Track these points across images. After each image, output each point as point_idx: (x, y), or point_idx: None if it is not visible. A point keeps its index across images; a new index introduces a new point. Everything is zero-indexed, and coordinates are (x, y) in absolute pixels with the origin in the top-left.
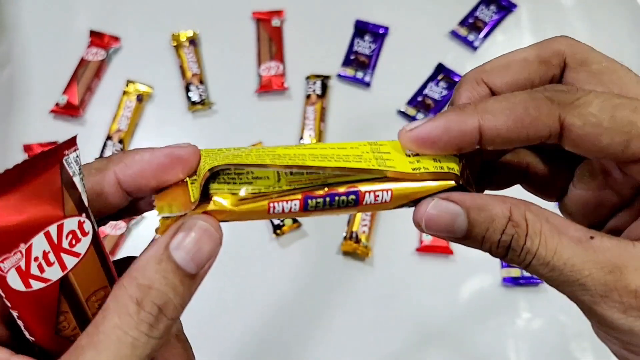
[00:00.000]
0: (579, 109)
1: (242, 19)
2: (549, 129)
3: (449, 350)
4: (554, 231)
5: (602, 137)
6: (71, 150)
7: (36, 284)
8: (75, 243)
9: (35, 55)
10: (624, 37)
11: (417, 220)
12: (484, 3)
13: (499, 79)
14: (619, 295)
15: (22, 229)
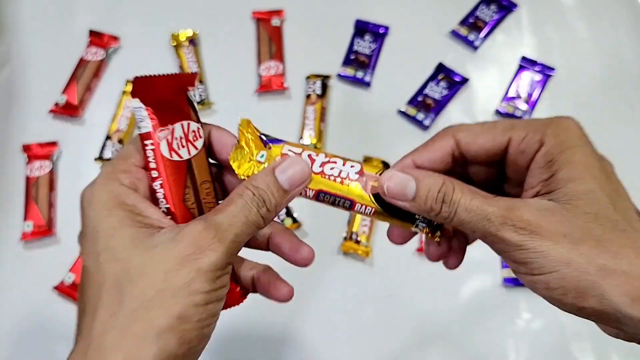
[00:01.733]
0: (463, 128)
1: (242, 18)
2: (450, 145)
3: (449, 350)
4: (471, 190)
5: (478, 138)
6: (192, 88)
7: (175, 156)
8: (195, 140)
9: (34, 54)
10: (623, 36)
11: (380, 185)
12: (484, 3)
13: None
14: (511, 220)
15: (172, 113)
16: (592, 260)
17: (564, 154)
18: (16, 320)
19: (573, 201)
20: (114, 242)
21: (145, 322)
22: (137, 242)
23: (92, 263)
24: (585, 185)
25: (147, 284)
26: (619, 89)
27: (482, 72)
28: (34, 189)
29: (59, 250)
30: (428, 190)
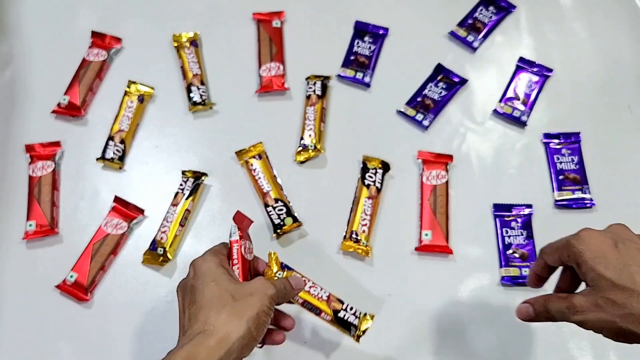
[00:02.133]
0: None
1: (243, 20)
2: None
3: (447, 349)
4: (560, 297)
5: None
6: (250, 225)
7: (247, 256)
8: (251, 252)
9: (37, 55)
10: (621, 37)
11: (516, 311)
12: (483, 4)
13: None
14: (573, 303)
15: (245, 235)
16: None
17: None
18: (18, 319)
19: (592, 283)
20: (221, 280)
21: (241, 312)
22: (232, 281)
23: (205, 285)
24: (591, 273)
25: (240, 296)
26: (617, 89)
27: (480, 72)
28: (36, 188)
29: (62, 249)
30: (543, 308)
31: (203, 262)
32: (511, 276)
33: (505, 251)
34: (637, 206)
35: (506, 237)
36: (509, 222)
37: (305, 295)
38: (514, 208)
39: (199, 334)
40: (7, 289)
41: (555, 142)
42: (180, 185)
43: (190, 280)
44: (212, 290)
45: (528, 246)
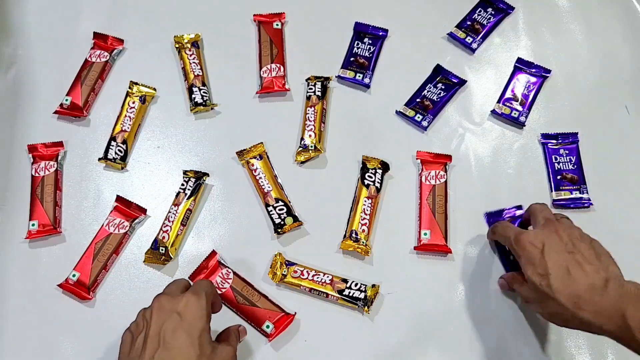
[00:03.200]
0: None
1: (244, 21)
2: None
3: (447, 348)
4: (518, 278)
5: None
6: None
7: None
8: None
9: (39, 56)
10: (619, 39)
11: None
12: (481, 6)
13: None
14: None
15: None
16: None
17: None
18: (21, 317)
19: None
20: (204, 339)
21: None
22: (210, 342)
23: (186, 338)
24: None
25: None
26: (614, 90)
27: (479, 74)
28: (39, 188)
29: (64, 249)
30: (513, 285)
31: (197, 305)
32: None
33: (502, 254)
34: (634, 206)
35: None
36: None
37: (310, 283)
38: (505, 212)
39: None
40: (10, 288)
41: (553, 142)
42: (182, 185)
43: (170, 319)
44: (189, 350)
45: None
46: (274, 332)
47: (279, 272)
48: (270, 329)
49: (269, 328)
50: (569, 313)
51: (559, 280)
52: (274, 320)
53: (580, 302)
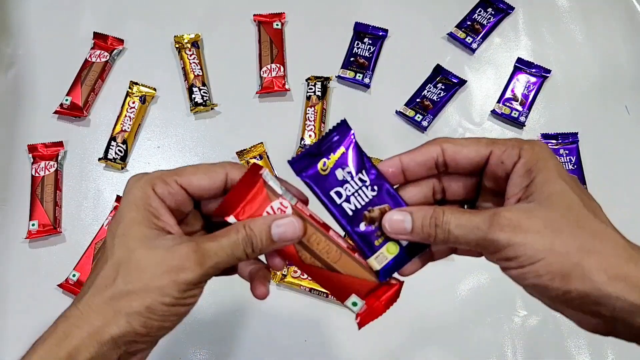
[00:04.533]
0: (450, 141)
1: (244, 21)
2: (435, 153)
3: (447, 348)
4: (459, 210)
5: (463, 149)
6: (262, 170)
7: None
8: (283, 211)
9: (39, 57)
10: (618, 39)
11: (384, 223)
12: (481, 6)
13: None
14: (497, 222)
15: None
16: (571, 244)
17: (540, 163)
18: (21, 317)
19: (550, 198)
20: (130, 232)
21: (124, 302)
22: (146, 239)
23: (109, 241)
24: (560, 185)
25: (137, 276)
26: (614, 90)
27: (479, 74)
28: (39, 188)
29: (65, 248)
30: (422, 220)
31: (130, 189)
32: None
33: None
34: (634, 206)
35: None
36: None
37: (310, 283)
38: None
39: (66, 318)
40: (10, 288)
41: (553, 142)
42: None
43: (116, 214)
44: (110, 248)
45: None
46: (363, 310)
47: (279, 272)
48: (359, 306)
49: (356, 306)
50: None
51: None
52: (364, 294)
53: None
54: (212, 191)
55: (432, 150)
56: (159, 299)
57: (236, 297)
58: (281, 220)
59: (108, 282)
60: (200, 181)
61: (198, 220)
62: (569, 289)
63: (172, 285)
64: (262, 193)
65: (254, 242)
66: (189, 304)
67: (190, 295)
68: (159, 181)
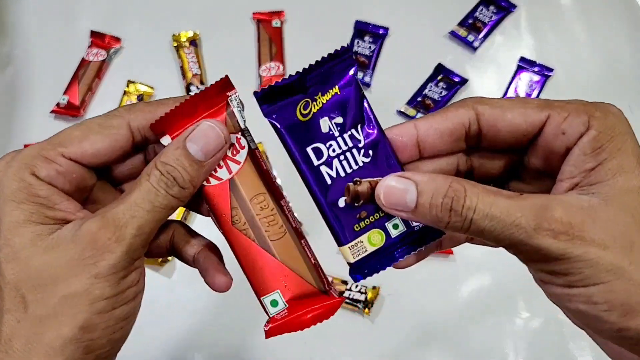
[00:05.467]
0: (486, 101)
1: (243, 19)
2: (468, 116)
3: (448, 349)
4: (489, 192)
5: (506, 113)
6: (232, 92)
7: (213, 180)
8: (236, 154)
9: (36, 55)
10: (621, 37)
11: (377, 193)
12: (483, 4)
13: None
14: (549, 224)
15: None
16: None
17: (615, 140)
18: None
19: (623, 197)
20: (16, 239)
21: (50, 332)
22: (39, 240)
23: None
24: (639, 179)
25: (48, 290)
26: (617, 89)
27: (481, 72)
28: None
29: None
30: (431, 196)
31: (6, 174)
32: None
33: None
34: None
35: None
36: None
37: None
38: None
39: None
40: None
41: None
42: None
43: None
44: (12, 267)
45: None
46: (281, 317)
47: None
48: (277, 309)
49: (275, 307)
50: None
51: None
52: (291, 295)
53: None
54: (115, 153)
55: (462, 115)
56: (90, 309)
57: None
58: (195, 131)
59: (18, 316)
60: (94, 145)
61: (109, 193)
62: (628, 327)
63: (95, 283)
64: (218, 117)
65: (175, 176)
66: (133, 297)
67: (127, 286)
68: (38, 161)
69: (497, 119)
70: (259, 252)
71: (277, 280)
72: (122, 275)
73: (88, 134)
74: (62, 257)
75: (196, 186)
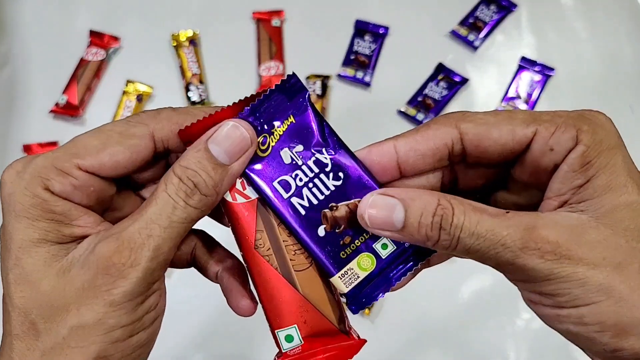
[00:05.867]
0: (470, 117)
1: (242, 19)
2: (450, 136)
3: (448, 350)
4: (476, 209)
5: (491, 130)
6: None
7: (240, 198)
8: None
9: (35, 55)
10: (622, 37)
11: (360, 214)
12: (484, 3)
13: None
14: (535, 243)
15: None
16: (638, 289)
17: (604, 155)
18: None
19: (612, 214)
20: (28, 259)
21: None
22: (52, 262)
23: (2, 277)
24: (629, 195)
25: (58, 319)
26: (619, 89)
27: (481, 72)
28: None
29: None
30: (420, 215)
31: (11, 196)
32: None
33: None
34: None
35: None
36: None
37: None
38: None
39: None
40: None
41: None
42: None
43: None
44: (7, 290)
45: None
46: (294, 354)
47: None
48: (291, 345)
49: (290, 343)
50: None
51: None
52: (307, 332)
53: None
54: (136, 164)
55: (444, 135)
56: (104, 339)
57: None
58: (217, 131)
59: (29, 343)
60: (114, 157)
61: (130, 199)
62: (622, 347)
63: (110, 312)
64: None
65: (196, 181)
66: (151, 322)
67: (145, 312)
68: (52, 174)
69: (481, 138)
70: (281, 282)
71: (296, 315)
72: (138, 301)
73: (107, 144)
74: (73, 283)
75: (220, 194)
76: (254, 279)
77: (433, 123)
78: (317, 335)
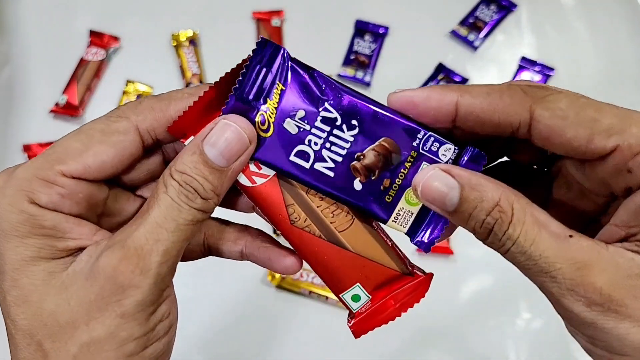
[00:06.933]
0: (549, 103)
1: (242, 18)
2: (519, 117)
3: (448, 350)
4: (536, 224)
5: (567, 129)
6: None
7: (258, 179)
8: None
9: (35, 55)
10: (623, 37)
11: (415, 184)
12: (484, 3)
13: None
14: (584, 291)
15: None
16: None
17: None
18: None
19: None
20: (25, 279)
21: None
22: (51, 279)
23: (0, 301)
24: None
25: (66, 338)
26: (619, 89)
27: (482, 72)
28: None
29: None
30: (474, 208)
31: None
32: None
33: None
34: None
35: None
36: None
37: (309, 286)
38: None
39: None
40: None
41: None
42: None
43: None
44: (7, 314)
45: None
46: (366, 310)
47: (278, 275)
48: (361, 303)
49: (358, 302)
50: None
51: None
52: (374, 285)
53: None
54: (124, 162)
55: (515, 115)
56: (117, 354)
57: (233, 299)
58: (212, 131)
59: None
60: (98, 157)
61: (126, 201)
62: None
63: (122, 324)
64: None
65: (195, 187)
66: (165, 332)
67: (157, 321)
68: (36, 185)
69: (553, 133)
70: (329, 247)
71: (356, 274)
72: (151, 310)
73: (89, 145)
74: (79, 297)
75: (221, 194)
76: (302, 253)
77: (507, 92)
78: (382, 285)
